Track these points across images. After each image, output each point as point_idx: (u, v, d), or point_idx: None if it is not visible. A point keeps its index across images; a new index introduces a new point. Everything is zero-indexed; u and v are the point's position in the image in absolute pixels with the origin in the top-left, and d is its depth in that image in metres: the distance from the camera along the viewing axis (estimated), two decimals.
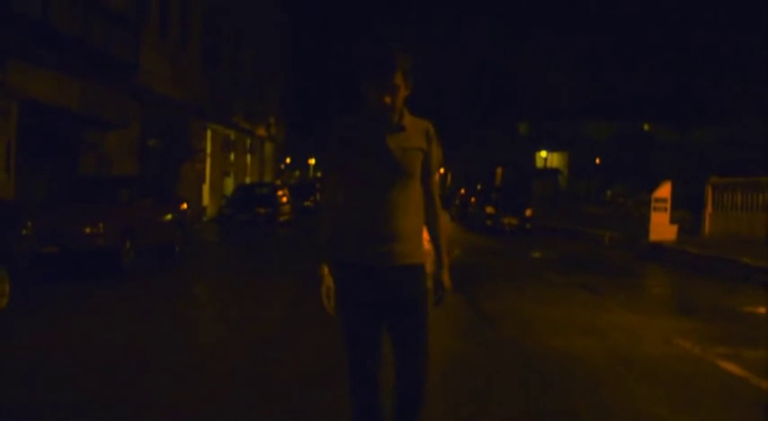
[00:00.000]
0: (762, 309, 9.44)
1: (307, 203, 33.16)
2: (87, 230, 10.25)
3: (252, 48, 30.92)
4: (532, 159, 60.88)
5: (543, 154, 61.36)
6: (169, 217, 13.49)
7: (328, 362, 5.69)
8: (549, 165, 60.99)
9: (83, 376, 5.52)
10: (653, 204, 17.59)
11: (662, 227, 17.38)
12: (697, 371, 6.12)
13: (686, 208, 22.03)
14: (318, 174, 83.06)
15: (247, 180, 32.92)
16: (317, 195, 37.03)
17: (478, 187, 26.67)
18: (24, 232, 8.60)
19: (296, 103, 49.28)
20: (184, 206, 15.18)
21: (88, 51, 15.96)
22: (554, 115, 62.47)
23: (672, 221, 18.20)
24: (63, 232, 9.98)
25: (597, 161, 58.94)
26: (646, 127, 67.37)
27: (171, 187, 18.55)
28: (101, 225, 10.37)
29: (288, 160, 46.55)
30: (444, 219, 3.53)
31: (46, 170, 15.76)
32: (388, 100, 3.22)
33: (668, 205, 17.53)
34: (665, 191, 17.61)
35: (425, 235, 3.39)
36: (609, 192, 49.08)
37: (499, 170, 48.39)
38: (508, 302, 9.38)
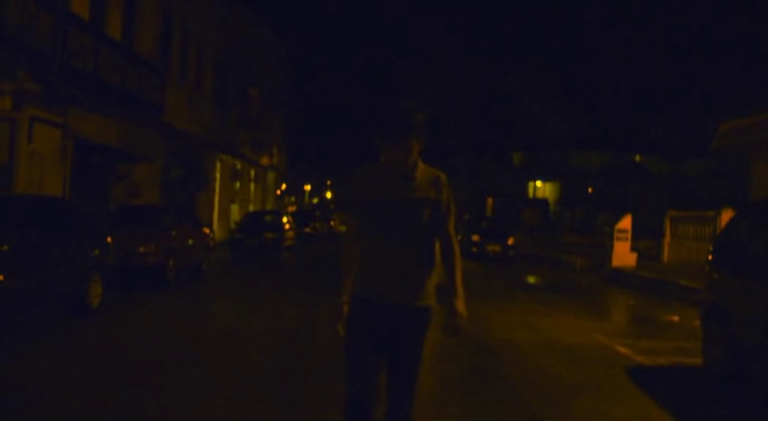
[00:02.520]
0: (676, 318, 12.26)
1: (307, 230, 35.99)
2: (142, 249, 13.04)
3: (257, 84, 33.92)
4: (526, 189, 63.78)
5: (538, 183, 64.26)
6: (197, 240, 16.27)
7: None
8: (542, 194, 63.89)
9: (156, 350, 8.32)
10: (615, 234, 20.47)
11: (623, 254, 20.23)
12: (598, 351, 8.92)
13: (652, 237, 24.83)
14: (315, 201, 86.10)
15: (251, 207, 35.77)
16: (317, 223, 39.96)
17: (466, 217, 29.47)
18: (97, 252, 11.31)
19: (295, 131, 52.27)
20: (207, 230, 18.02)
21: (125, 95, 18.81)
22: (547, 146, 65.40)
23: (637, 249, 21.08)
24: (123, 250, 12.68)
25: (590, 190, 61.71)
26: (637, 158, 70.23)
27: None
28: (152, 245, 13.19)
29: (283, 186, 49.41)
30: (459, 256, 3.88)
31: (83, 198, 18.49)
32: (402, 157, 3.62)
33: (629, 235, 20.39)
34: (626, 222, 20.49)
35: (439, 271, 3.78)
36: (598, 221, 51.76)
37: (489, 200, 51.24)
38: (476, 311, 12.10)
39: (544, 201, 58.47)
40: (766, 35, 33.58)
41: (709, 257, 7.96)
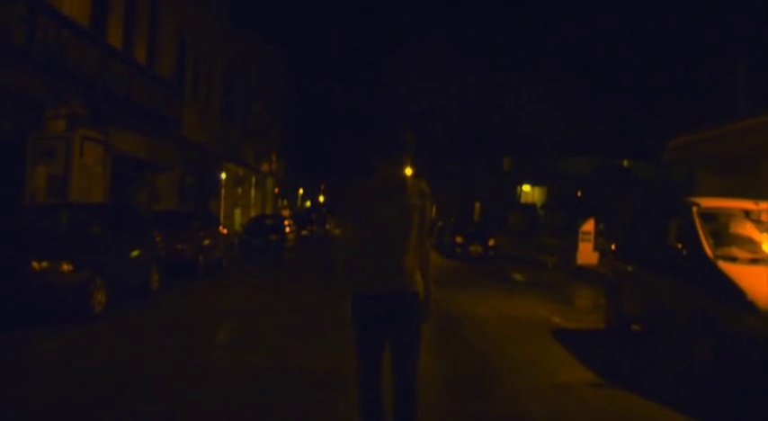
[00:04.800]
0: None
1: (304, 232, 39.28)
2: (179, 247, 16.30)
3: (259, 97, 37.31)
4: (515, 193, 67.01)
5: (526, 188, 67.56)
6: (218, 240, 19.53)
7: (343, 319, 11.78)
8: (530, 198, 67.14)
9: (215, 314, 11.62)
10: (580, 236, 23.80)
11: (587, 253, 23.56)
12: (536, 321, 12.23)
13: None
14: (307, 204, 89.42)
15: (252, 211, 39.07)
16: (313, 226, 43.28)
17: (452, 220, 32.86)
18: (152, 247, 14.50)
19: (292, 139, 55.58)
20: (225, 231, 21.30)
21: (151, 113, 22.07)
22: (537, 151, 68.58)
23: (601, 249, 24.39)
24: (165, 247, 15.87)
25: (579, 194, 64.88)
26: (625, 163, 73.52)
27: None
28: (187, 244, 16.47)
29: (276, 190, 52.66)
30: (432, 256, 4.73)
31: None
32: (395, 170, 4.42)
33: (592, 237, 23.73)
34: (589, 225, 23.86)
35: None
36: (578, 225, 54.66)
37: (477, 204, 54.51)
38: (451, 294, 15.44)
39: (531, 206, 61.73)
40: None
41: (613, 248, 11.31)
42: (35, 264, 9.42)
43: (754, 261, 7.54)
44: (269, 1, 77.66)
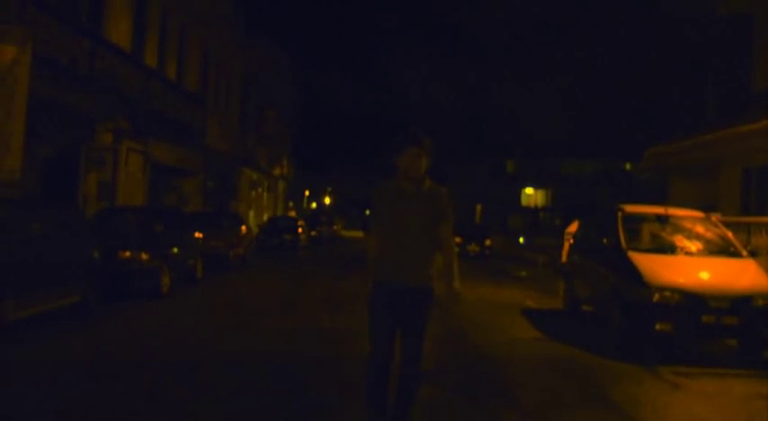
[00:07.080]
0: None
1: (313, 233, 42.49)
2: (213, 243, 19.45)
3: (273, 105, 40.53)
4: (518, 196, 70.13)
5: (529, 190, 70.68)
6: (243, 238, 22.72)
7: (354, 298, 14.87)
8: (533, 201, 70.27)
9: (251, 301, 14.79)
10: (565, 236, 26.79)
11: None
12: (512, 303, 15.36)
13: None
14: (313, 206, 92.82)
15: (265, 213, 42.28)
16: (322, 227, 46.53)
17: None
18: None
19: (301, 142, 58.92)
20: (244, 228, 24.48)
21: (180, 124, 25.26)
22: (540, 154, 71.68)
23: None
24: (203, 243, 19.01)
25: (580, 198, 67.87)
26: (627, 166, 76.47)
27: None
28: (221, 241, 19.64)
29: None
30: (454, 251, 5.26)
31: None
32: (413, 170, 4.94)
33: None
34: (573, 227, 26.87)
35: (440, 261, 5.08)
36: None
37: (478, 207, 57.56)
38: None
39: (533, 210, 64.88)
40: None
41: (572, 241, 14.45)
42: (121, 254, 12.59)
43: (652, 250, 10.69)
44: (280, 11, 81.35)
